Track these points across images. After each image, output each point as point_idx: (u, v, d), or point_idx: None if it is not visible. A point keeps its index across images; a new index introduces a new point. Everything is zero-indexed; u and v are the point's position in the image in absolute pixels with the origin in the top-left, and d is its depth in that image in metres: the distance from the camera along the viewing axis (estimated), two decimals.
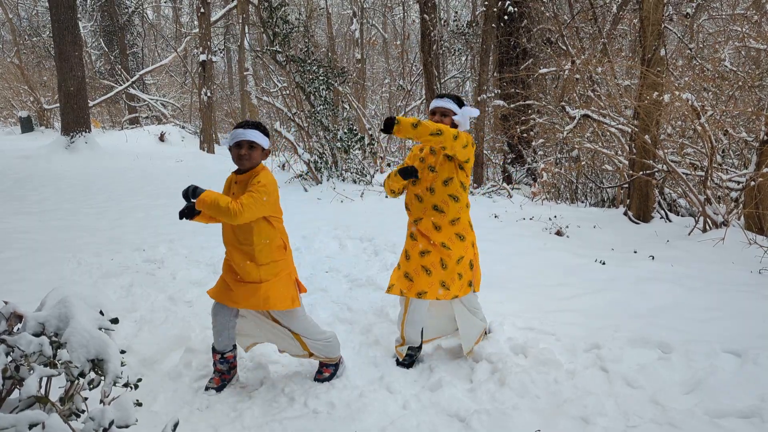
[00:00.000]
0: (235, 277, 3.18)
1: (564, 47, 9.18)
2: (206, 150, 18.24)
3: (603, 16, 10.45)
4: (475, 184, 10.92)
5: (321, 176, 10.60)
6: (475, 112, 3.59)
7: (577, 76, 8.15)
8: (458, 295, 3.51)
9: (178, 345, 3.71)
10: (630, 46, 10.48)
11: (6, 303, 2.16)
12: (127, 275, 5.16)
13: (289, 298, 3.20)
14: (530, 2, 10.71)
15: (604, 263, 5.41)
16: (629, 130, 7.37)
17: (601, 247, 5.98)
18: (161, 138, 18.75)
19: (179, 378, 3.34)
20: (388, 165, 11.33)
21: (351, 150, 10.67)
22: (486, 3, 11.05)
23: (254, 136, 3.11)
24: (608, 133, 8.32)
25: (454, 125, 3.51)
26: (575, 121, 7.58)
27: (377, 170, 11.33)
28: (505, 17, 11.08)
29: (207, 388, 3.22)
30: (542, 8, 10.48)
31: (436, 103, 3.52)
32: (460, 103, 3.55)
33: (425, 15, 10.92)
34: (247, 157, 3.11)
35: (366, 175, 10.66)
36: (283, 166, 12.05)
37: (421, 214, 3.49)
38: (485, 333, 3.83)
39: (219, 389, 3.24)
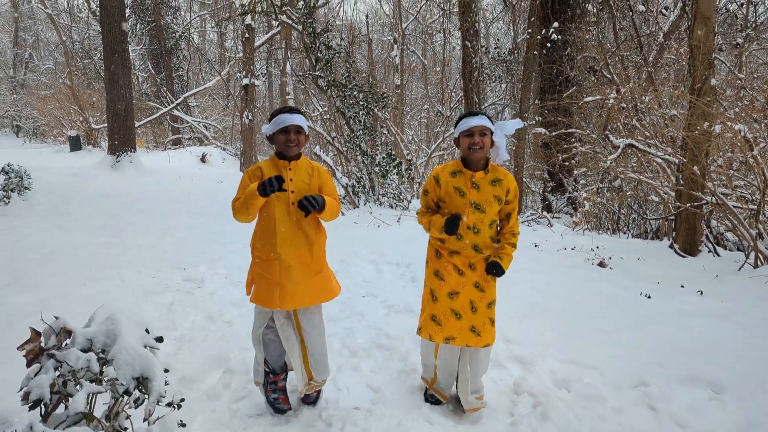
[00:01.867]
0: (297, 277, 3.01)
1: (609, 76, 9.07)
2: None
3: (648, 44, 10.33)
4: None
5: (358, 200, 10.63)
6: (516, 124, 3.16)
7: (623, 104, 8.03)
8: (489, 344, 3.23)
9: (216, 365, 3.71)
10: (677, 75, 10.31)
11: (57, 318, 2.19)
12: (167, 293, 5.22)
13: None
14: (574, 30, 10.65)
15: (649, 297, 5.25)
16: (676, 161, 7.21)
17: (645, 280, 5.81)
18: (203, 159, 19.12)
19: (217, 398, 3.33)
20: (425, 192, 11.29)
21: (389, 175, 10.70)
22: (529, 31, 11.04)
23: (301, 120, 3.01)
24: (654, 164, 8.15)
25: (491, 142, 3.12)
26: (619, 150, 7.45)
27: (414, 195, 11.32)
28: (548, 45, 11.04)
29: (284, 411, 3.23)
30: (587, 36, 10.40)
31: (472, 122, 3.06)
32: (489, 120, 3.18)
33: (467, 42, 10.95)
34: (295, 143, 3.01)
35: (403, 200, 10.65)
36: None
37: (458, 249, 3.19)
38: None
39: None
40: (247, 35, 17.22)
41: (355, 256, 6.67)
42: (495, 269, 3.11)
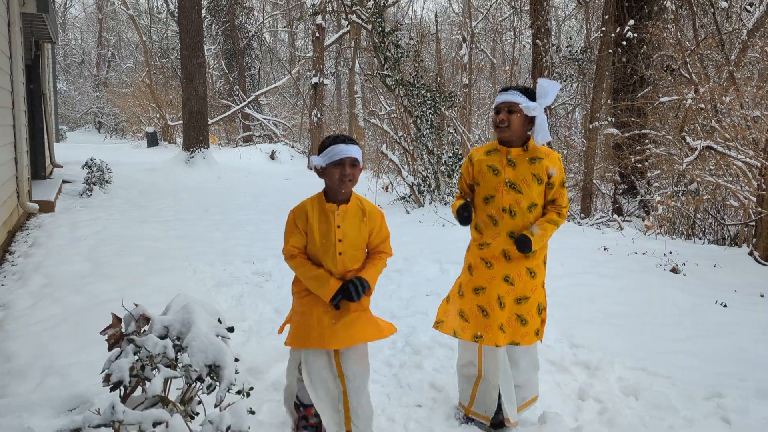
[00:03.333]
0: (339, 315, 2.68)
1: (687, 75, 8.72)
2: (313, 169, 18.82)
3: (731, 42, 9.85)
4: (582, 215, 10.55)
5: (423, 199, 10.64)
6: (554, 87, 2.84)
7: (702, 105, 7.70)
8: (518, 342, 2.96)
9: (283, 357, 3.79)
10: (761, 75, 9.80)
11: (136, 305, 2.31)
12: (237, 286, 5.40)
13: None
14: (651, 28, 10.28)
15: (725, 305, 5.03)
16: (758, 164, 6.86)
17: (721, 288, 5.56)
18: (272, 156, 19.57)
19: (282, 389, 3.41)
20: None
21: (455, 174, 10.65)
22: (603, 29, 10.74)
23: (357, 152, 2.66)
24: (733, 167, 7.78)
25: (525, 120, 2.85)
26: (696, 152, 7.16)
27: None
28: (623, 43, 10.70)
29: None
30: (664, 34, 10.03)
31: (500, 98, 2.87)
32: (531, 96, 2.87)
33: (538, 40, 10.77)
34: (350, 178, 2.64)
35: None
36: (387, 187, 12.21)
37: (491, 239, 2.95)
38: (535, 400, 3.21)
39: None
40: (317, 35, 17.51)
41: (419, 255, 6.68)
42: (521, 244, 2.83)
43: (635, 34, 10.74)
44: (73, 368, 3.39)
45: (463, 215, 2.96)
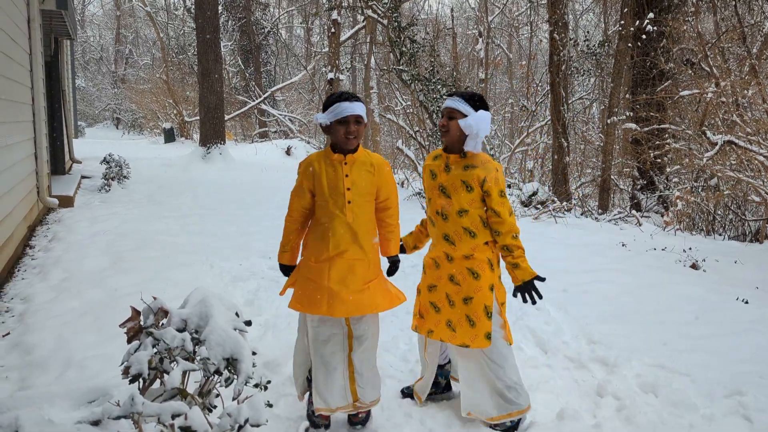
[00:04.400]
0: (350, 282, 2.76)
1: (708, 68, 8.59)
2: None
3: (752, 35, 9.70)
4: (600, 210, 10.46)
5: None
6: (486, 119, 2.87)
7: (723, 99, 7.58)
8: (468, 344, 2.92)
9: None
10: None
11: (155, 299, 2.32)
12: (253, 280, 5.42)
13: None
14: (671, 21, 10.14)
15: (746, 302, 4.96)
16: None
17: (743, 285, 5.48)
18: (288, 152, 19.62)
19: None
20: (509, 186, 11.12)
21: None
22: (622, 22, 10.61)
23: (361, 109, 2.73)
24: (755, 162, 7.67)
25: (461, 131, 2.87)
26: (717, 147, 7.06)
27: None
28: (643, 36, 10.57)
29: (319, 426, 2.93)
30: (684, 27, 9.88)
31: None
32: (479, 105, 2.89)
33: (555, 35, 10.67)
34: (355, 134, 2.72)
35: None
36: (403, 183, 12.20)
37: (434, 240, 3.09)
38: (520, 416, 3.03)
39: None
40: (333, 30, 17.50)
41: None
42: (521, 291, 2.97)
43: (655, 28, 10.59)
44: (93, 361, 3.43)
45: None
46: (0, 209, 5.05)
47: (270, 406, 2.12)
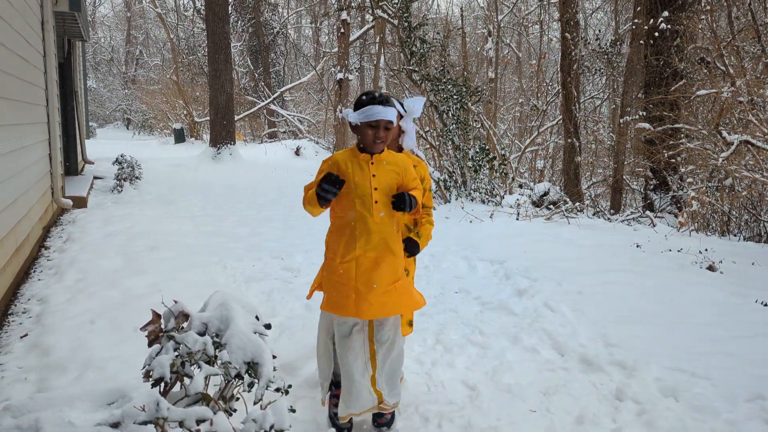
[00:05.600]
0: (375, 284, 2.74)
1: (723, 68, 8.51)
2: None
3: (767, 33, 9.59)
4: (612, 211, 10.40)
5: (449, 195, 10.57)
6: (419, 104, 3.01)
7: (741, 98, 7.51)
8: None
9: (315, 354, 3.80)
10: None
11: (176, 302, 2.31)
12: (267, 281, 5.41)
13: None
14: (685, 20, 10.05)
15: (766, 305, 4.90)
16: None
17: (761, 287, 5.41)
18: (297, 152, 19.64)
19: (316, 386, 3.41)
20: (520, 186, 11.08)
21: (481, 170, 10.57)
22: (635, 21, 10.53)
23: (393, 115, 2.67)
24: None
25: (400, 132, 3.11)
26: (733, 147, 6.99)
27: (506, 191, 11.13)
28: (656, 35, 10.48)
29: (342, 429, 2.92)
30: (699, 26, 9.78)
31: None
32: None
33: (567, 34, 10.62)
34: (383, 140, 2.69)
35: (495, 196, 10.49)
36: None
37: None
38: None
39: None
40: (342, 30, 17.50)
41: (447, 252, 6.63)
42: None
43: (669, 26, 10.50)
44: (111, 362, 3.43)
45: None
46: (17, 210, 5.07)
47: (293, 411, 2.11)
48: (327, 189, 2.63)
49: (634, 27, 10.62)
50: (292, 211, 9.25)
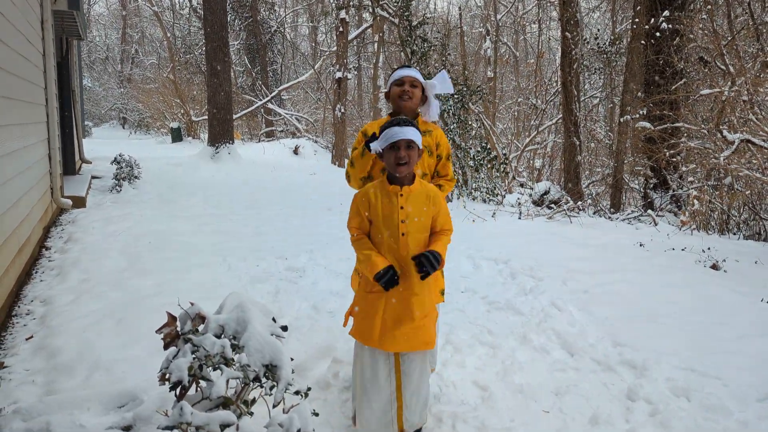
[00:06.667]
0: (402, 317, 2.69)
1: (723, 67, 8.51)
2: (337, 164, 18.84)
3: (767, 32, 9.61)
4: (612, 210, 10.40)
5: (451, 194, 10.56)
6: (441, 78, 3.23)
7: (744, 97, 7.51)
8: None
9: (324, 354, 3.78)
10: None
11: (192, 304, 2.29)
12: (272, 282, 5.38)
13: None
14: (685, 19, 10.05)
15: None
16: None
17: (765, 286, 5.42)
18: (295, 151, 19.57)
19: (327, 387, 3.39)
20: (521, 185, 11.08)
21: (482, 168, 10.56)
22: (636, 20, 10.53)
23: (414, 134, 2.65)
24: None
25: (424, 97, 3.21)
26: (734, 145, 6.99)
27: (506, 190, 11.13)
28: (657, 34, 10.47)
29: None
30: (700, 25, 9.78)
31: (403, 72, 3.15)
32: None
33: (567, 33, 10.61)
34: (405, 160, 2.64)
35: (497, 195, 10.49)
36: None
37: None
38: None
39: None
40: (341, 29, 17.46)
41: (451, 251, 6.53)
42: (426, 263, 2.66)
43: (669, 26, 10.50)
44: (119, 364, 3.40)
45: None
46: (19, 210, 5.03)
47: (316, 414, 2.09)
48: (391, 281, 2.61)
49: (634, 26, 10.61)
50: (293, 210, 9.22)
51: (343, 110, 18.58)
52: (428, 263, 2.59)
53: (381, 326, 2.68)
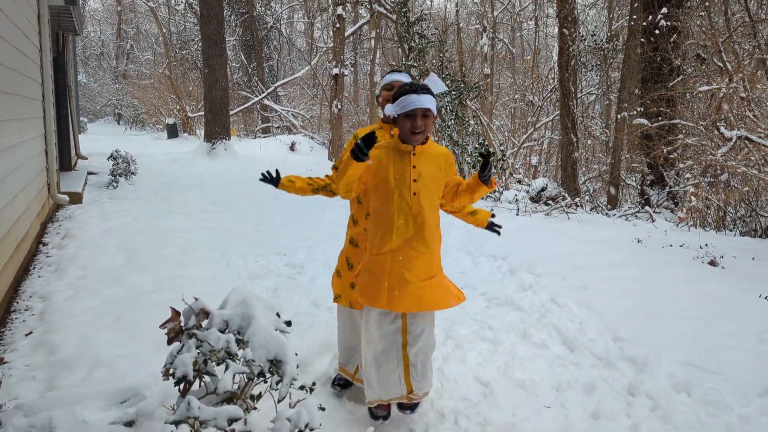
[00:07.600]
0: (410, 277, 2.68)
1: (720, 64, 8.52)
2: (334, 161, 18.80)
3: (764, 29, 9.62)
4: (609, 206, 10.42)
5: None
6: (432, 79, 2.79)
7: (743, 94, 7.52)
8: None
9: (325, 350, 3.78)
10: None
11: (196, 299, 2.28)
12: (271, 278, 5.37)
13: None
14: (682, 16, 10.05)
15: None
16: None
17: (764, 282, 5.43)
18: (292, 147, 19.53)
19: (329, 383, 3.39)
20: (518, 182, 11.08)
21: (478, 165, 10.57)
22: (634, 17, 10.52)
23: (430, 102, 2.58)
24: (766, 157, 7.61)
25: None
26: (732, 142, 7.01)
27: (504, 187, 11.13)
28: (655, 31, 10.47)
29: (378, 417, 2.95)
30: (698, 22, 9.79)
31: (393, 77, 3.07)
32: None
33: (564, 29, 10.61)
34: (421, 129, 2.59)
35: (494, 191, 10.49)
36: None
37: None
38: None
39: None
40: (337, 25, 17.41)
41: (450, 248, 6.61)
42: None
43: (666, 23, 10.51)
44: (120, 360, 3.39)
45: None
46: (16, 206, 5.00)
47: (323, 409, 2.08)
48: (359, 146, 2.50)
49: (631, 23, 10.61)
50: (291, 207, 9.20)
51: (339, 106, 18.54)
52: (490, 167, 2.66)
53: (388, 287, 2.67)
